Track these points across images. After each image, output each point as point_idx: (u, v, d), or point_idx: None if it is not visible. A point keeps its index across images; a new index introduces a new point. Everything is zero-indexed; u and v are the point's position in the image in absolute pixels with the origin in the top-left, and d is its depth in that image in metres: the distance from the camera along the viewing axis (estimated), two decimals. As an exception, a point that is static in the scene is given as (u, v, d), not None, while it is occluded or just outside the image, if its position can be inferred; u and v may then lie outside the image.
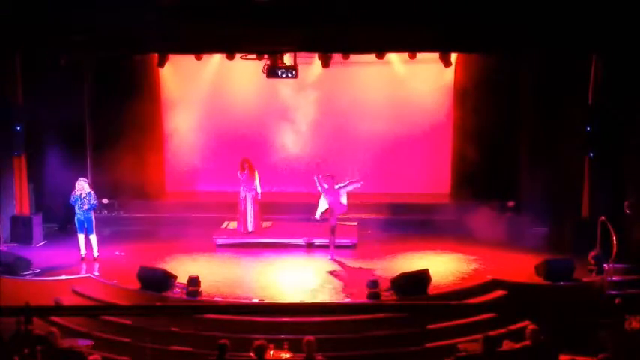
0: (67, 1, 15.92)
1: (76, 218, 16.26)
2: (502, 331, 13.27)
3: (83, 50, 16.94)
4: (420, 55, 18.09)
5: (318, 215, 16.76)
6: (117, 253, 16.95)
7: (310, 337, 11.52)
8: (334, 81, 19.44)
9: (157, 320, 13.56)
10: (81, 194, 16.12)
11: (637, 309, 12.42)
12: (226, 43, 16.74)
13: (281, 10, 15.56)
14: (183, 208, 19.34)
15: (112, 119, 18.97)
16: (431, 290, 14.60)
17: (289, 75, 16.98)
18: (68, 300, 14.49)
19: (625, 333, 11.84)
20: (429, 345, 13.46)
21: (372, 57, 17.88)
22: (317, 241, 17.11)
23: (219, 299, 14.27)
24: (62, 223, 18.31)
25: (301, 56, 17.33)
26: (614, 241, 14.82)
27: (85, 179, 16.53)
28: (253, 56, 17.29)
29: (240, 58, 17.54)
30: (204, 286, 14.53)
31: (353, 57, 18.11)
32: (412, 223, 18.51)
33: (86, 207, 16.13)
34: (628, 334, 11.83)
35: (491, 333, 12.30)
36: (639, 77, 16.11)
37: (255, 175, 17.66)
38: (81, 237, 16.32)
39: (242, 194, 17.70)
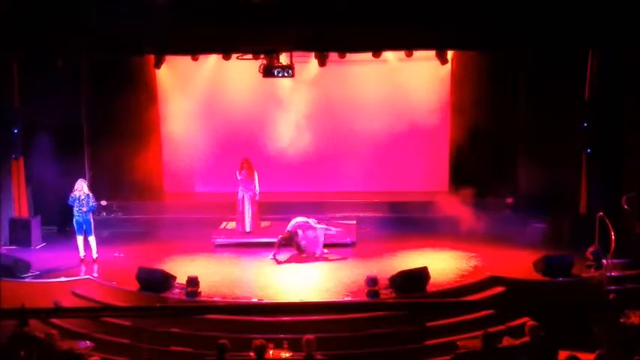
0: (63, 3, 15.90)
1: (74, 220, 16.21)
2: (501, 327, 13.29)
3: (80, 52, 16.91)
4: (416, 53, 18.12)
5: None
6: (116, 254, 16.92)
7: (310, 336, 11.50)
8: (331, 80, 19.40)
9: (156, 321, 13.55)
10: (79, 195, 16.08)
11: (636, 304, 12.44)
12: (222, 43, 16.68)
13: (277, 9, 15.53)
14: (181, 209, 19.35)
15: (109, 121, 18.97)
16: (430, 288, 14.59)
17: (286, 74, 16.94)
18: (67, 302, 14.48)
19: (620, 328, 11.84)
20: (428, 342, 13.48)
21: (368, 55, 17.89)
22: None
23: (219, 299, 14.26)
24: (61, 225, 18.29)
25: (297, 55, 17.30)
26: (613, 237, 14.81)
27: (84, 180, 16.53)
28: (249, 56, 17.26)
29: (237, 58, 17.51)
30: (203, 287, 14.51)
31: (349, 55, 18.11)
32: (410, 220, 18.47)
33: (85, 209, 16.10)
34: (623, 329, 11.83)
35: (491, 330, 12.31)
36: (636, 72, 16.11)
37: (254, 175, 17.63)
38: (80, 239, 16.28)
39: (240, 194, 17.67)
